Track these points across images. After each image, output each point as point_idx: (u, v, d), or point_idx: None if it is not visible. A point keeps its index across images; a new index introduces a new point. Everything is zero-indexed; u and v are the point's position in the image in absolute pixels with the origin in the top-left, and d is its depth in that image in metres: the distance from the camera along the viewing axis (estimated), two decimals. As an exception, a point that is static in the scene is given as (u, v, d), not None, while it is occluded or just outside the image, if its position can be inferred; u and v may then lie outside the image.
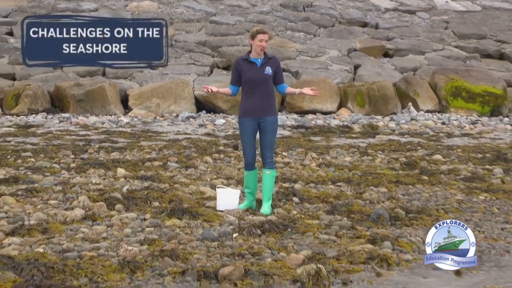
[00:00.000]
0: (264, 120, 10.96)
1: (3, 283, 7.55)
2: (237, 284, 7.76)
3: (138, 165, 15.19)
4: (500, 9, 39.41)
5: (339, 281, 8.00)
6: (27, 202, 11.40)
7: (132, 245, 9.04)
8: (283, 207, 11.46)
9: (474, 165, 16.29)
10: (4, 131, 21.23)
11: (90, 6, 34.57)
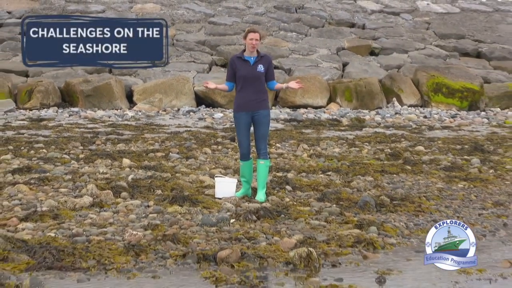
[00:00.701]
0: (257, 114, 11.00)
1: (18, 265, 7.56)
2: (234, 266, 7.75)
3: (142, 156, 15.17)
4: (477, 11, 39.44)
5: (328, 263, 8.00)
6: (39, 190, 11.40)
7: (136, 230, 9.04)
8: (276, 194, 11.46)
9: (454, 156, 16.30)
10: (18, 124, 21.21)
11: (97, 8, 34.54)
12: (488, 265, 8.05)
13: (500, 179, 13.59)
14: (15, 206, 10.24)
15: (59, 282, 7.19)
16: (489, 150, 17.31)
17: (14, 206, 10.27)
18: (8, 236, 8.43)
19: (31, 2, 35.02)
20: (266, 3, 36.85)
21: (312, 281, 7.33)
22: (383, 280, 7.47)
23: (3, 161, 14.25)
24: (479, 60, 33.00)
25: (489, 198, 11.87)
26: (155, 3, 35.67)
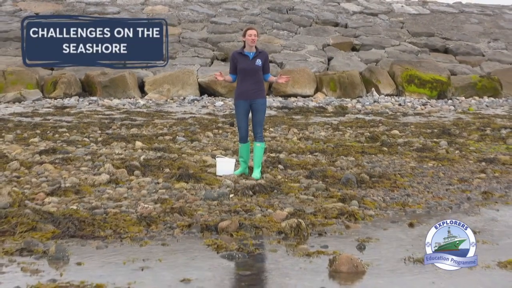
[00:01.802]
0: (255, 102, 11.01)
1: (45, 233, 7.57)
2: (233, 235, 7.76)
3: (153, 139, 15.16)
4: (445, 12, 39.42)
5: (315, 233, 8.01)
6: (63, 169, 11.39)
7: (147, 203, 9.04)
8: (270, 172, 11.46)
9: (424, 138, 16.31)
10: (45, 111, 21.17)
11: (113, 9, 34.41)
12: (454, 234, 8.08)
13: (464, 158, 13.61)
14: (42, 183, 10.23)
15: (81, 248, 7.20)
16: (455, 133, 17.32)
17: (41, 182, 10.26)
18: (36, 209, 8.43)
19: (55, 4, 34.85)
20: (261, 5, 36.78)
21: (301, 248, 7.34)
22: (363, 247, 7.48)
23: (32, 143, 14.24)
24: (446, 55, 32.98)
25: (455, 175, 11.89)
26: (164, 5, 35.57)
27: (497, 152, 14.58)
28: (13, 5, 34.36)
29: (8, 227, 7.71)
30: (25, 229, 7.68)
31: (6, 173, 10.93)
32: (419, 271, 6.67)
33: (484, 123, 19.98)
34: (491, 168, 12.57)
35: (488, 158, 13.59)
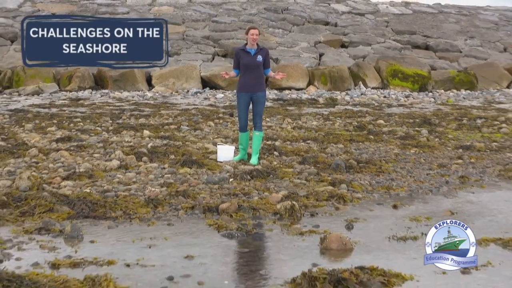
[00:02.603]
0: (256, 95, 11.02)
1: (61, 214, 7.58)
2: (232, 215, 7.76)
3: (159, 128, 15.14)
4: (426, 12, 39.37)
5: (308, 213, 8.01)
6: (77, 155, 11.37)
7: (154, 187, 9.04)
8: (267, 159, 11.45)
9: (407, 127, 16.31)
10: (61, 103, 21.14)
11: (123, 10, 34.30)
12: (434, 214, 8.09)
13: (443, 146, 13.61)
14: (59, 168, 10.23)
15: (94, 228, 7.21)
16: (435, 123, 17.31)
17: (57, 168, 10.26)
18: (53, 192, 8.44)
19: (70, 5, 34.71)
20: (258, 6, 36.70)
21: (295, 228, 7.35)
22: (351, 227, 7.49)
23: (49, 132, 14.22)
24: (427, 52, 32.94)
25: (435, 161, 11.89)
26: (169, 5, 35.47)
27: (473, 140, 14.58)
28: (32, 6, 34.26)
29: (27, 208, 7.73)
30: (43, 210, 7.69)
31: (26, 159, 10.93)
32: (402, 248, 6.68)
33: (461, 113, 19.98)
34: (468, 155, 12.57)
35: (465, 145, 13.59)
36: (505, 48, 34.84)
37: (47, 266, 5.86)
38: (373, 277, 5.57)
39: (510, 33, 37.20)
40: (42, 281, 5.31)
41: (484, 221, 7.87)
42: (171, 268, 5.85)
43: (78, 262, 5.96)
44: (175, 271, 5.76)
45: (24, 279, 5.28)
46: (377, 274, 5.63)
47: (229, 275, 5.82)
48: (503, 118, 18.56)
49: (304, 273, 5.53)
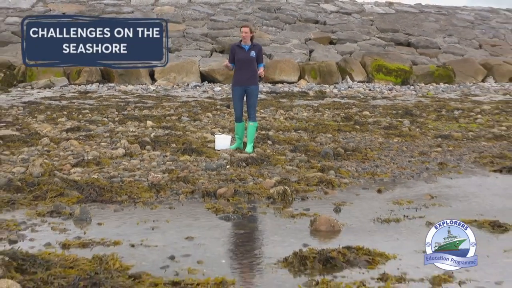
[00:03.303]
0: (249, 88, 11.02)
1: (71, 199, 7.58)
2: (229, 199, 7.76)
3: (161, 119, 15.11)
4: (407, 12, 39.33)
5: (299, 198, 8.01)
6: (86, 144, 11.36)
7: (157, 173, 9.03)
8: (261, 147, 11.45)
9: (390, 118, 16.31)
10: (70, 96, 21.08)
11: (128, 9, 34.14)
12: (415, 198, 8.09)
13: (424, 135, 13.63)
14: (68, 156, 10.22)
15: (101, 211, 7.20)
16: (416, 114, 17.32)
17: (67, 155, 10.24)
18: (63, 178, 8.42)
19: (79, 5, 34.51)
20: (252, 5, 36.60)
21: (287, 211, 7.35)
22: (339, 210, 7.49)
23: (60, 122, 14.19)
24: (409, 48, 32.90)
25: (416, 149, 11.90)
26: (171, 5, 35.33)
27: (451, 129, 14.60)
28: (43, 6, 34.08)
29: (40, 193, 7.72)
30: (54, 194, 7.69)
31: (38, 147, 10.92)
32: (386, 229, 6.69)
33: (440, 105, 20.00)
34: (446, 143, 12.59)
35: (443, 134, 13.61)
36: (480, 45, 34.87)
37: (58, 246, 5.86)
38: (359, 256, 5.58)
39: (484, 31, 37.21)
40: (53, 260, 5.31)
41: (461, 204, 7.89)
42: (172, 248, 5.84)
43: (86, 242, 5.95)
44: (176, 251, 5.76)
45: (37, 258, 5.28)
46: (362, 254, 5.63)
47: (226, 255, 5.83)
48: (478, 110, 18.60)
49: (295, 253, 5.53)
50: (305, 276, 5.20)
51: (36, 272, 5.04)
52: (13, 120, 14.52)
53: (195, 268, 5.30)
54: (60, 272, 5.01)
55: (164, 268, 5.29)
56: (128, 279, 4.91)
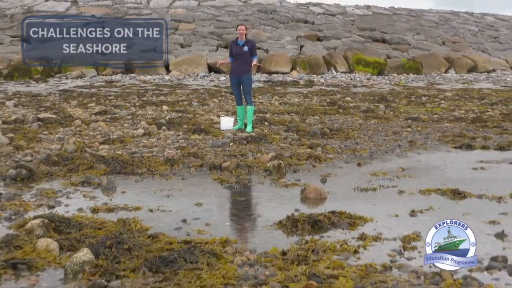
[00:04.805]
0: (242, 77, 11.02)
1: (99, 171, 7.57)
2: (232, 172, 7.74)
3: (175, 104, 15.06)
4: (383, 13, 39.11)
5: (291, 170, 7.99)
6: (111, 125, 11.32)
7: (171, 149, 9.00)
8: (259, 128, 11.41)
9: (368, 103, 16.25)
10: (98, 84, 20.97)
11: (147, 11, 33.87)
12: (389, 171, 8.08)
13: (396, 117, 13.58)
14: (97, 135, 10.19)
15: (124, 181, 7.18)
16: (390, 100, 17.26)
17: (96, 135, 10.22)
18: (93, 153, 8.40)
19: (106, 9, 34.14)
20: (252, 8, 36.36)
21: (281, 181, 7.33)
22: (325, 180, 7.47)
23: (89, 107, 14.14)
24: (384, 44, 32.72)
25: (390, 129, 11.86)
26: (183, 8, 35.07)
27: (419, 113, 14.55)
28: (76, 9, 33.82)
29: (73, 166, 7.71)
30: (85, 167, 7.67)
31: (72, 128, 10.88)
32: (365, 197, 6.68)
33: (410, 92, 19.93)
34: (415, 124, 12.55)
35: (413, 117, 13.57)
36: (443, 42, 34.74)
37: (89, 211, 5.85)
38: (342, 219, 5.57)
39: (447, 30, 37.08)
40: (85, 222, 5.31)
41: (427, 176, 7.87)
42: (184, 212, 5.83)
43: (112, 207, 5.94)
44: (188, 215, 5.75)
45: (71, 220, 5.29)
46: (345, 217, 5.63)
47: (230, 218, 5.82)
48: (442, 96, 18.55)
49: (288, 216, 5.53)
50: (296, 236, 5.20)
51: (71, 232, 5.05)
52: (51, 105, 14.47)
53: (204, 229, 5.29)
54: (90, 232, 5.02)
55: (177, 229, 5.28)
56: (147, 238, 4.91)
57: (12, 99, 15.79)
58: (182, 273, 4.18)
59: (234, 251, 4.69)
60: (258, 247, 4.83)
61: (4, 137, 9.43)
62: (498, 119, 13.51)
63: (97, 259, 4.32)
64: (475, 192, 6.83)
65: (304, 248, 4.76)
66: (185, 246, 4.66)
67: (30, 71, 23.22)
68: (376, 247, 4.91)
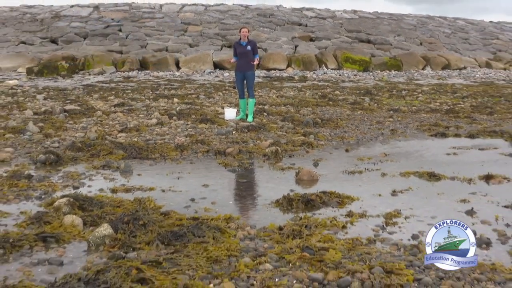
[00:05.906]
0: (246, 73, 10.98)
1: (117, 156, 7.56)
2: (235, 156, 7.71)
3: (184, 97, 15.00)
4: (368, 17, 38.90)
5: (287, 155, 7.96)
6: (128, 116, 11.28)
7: (181, 137, 8.97)
8: (259, 118, 11.37)
9: (355, 96, 16.19)
10: (117, 80, 20.91)
11: (159, 15, 33.69)
12: (373, 155, 8.05)
13: (380, 109, 13.53)
14: (116, 124, 10.15)
15: (140, 165, 7.16)
16: (374, 93, 17.19)
17: (115, 124, 10.18)
18: (112, 140, 8.37)
19: (124, 13, 33.89)
20: (252, 12, 36.18)
21: (278, 165, 7.31)
22: (317, 164, 7.45)
23: (109, 100, 14.09)
24: (369, 44, 32.58)
25: (374, 119, 11.82)
26: (191, 12, 34.87)
27: (399, 105, 14.49)
28: (98, 14, 33.61)
29: (95, 152, 7.69)
30: (105, 153, 7.65)
31: (93, 118, 10.85)
32: (352, 179, 6.67)
33: (392, 87, 19.85)
34: (396, 115, 12.51)
35: (394, 108, 13.52)
36: (421, 42, 34.63)
37: (109, 191, 5.83)
38: (331, 199, 5.55)
39: (424, 32, 36.95)
40: (105, 201, 5.31)
41: (407, 160, 7.85)
42: (193, 193, 5.82)
43: (129, 188, 5.92)
44: (196, 195, 5.73)
45: (93, 199, 5.28)
46: (334, 197, 5.61)
47: (233, 197, 5.81)
48: (419, 90, 18.48)
49: (284, 196, 5.52)
50: (291, 213, 5.19)
51: (93, 210, 5.05)
52: (75, 98, 14.42)
53: (210, 207, 5.28)
54: (110, 210, 5.01)
55: (186, 207, 5.26)
56: (160, 215, 4.90)
57: (42, 93, 15.75)
58: (191, 246, 4.18)
59: (237, 226, 4.69)
60: (258, 223, 4.82)
61: (35, 126, 9.42)
62: (468, 111, 13.47)
63: (116, 233, 4.32)
64: (448, 174, 6.81)
65: (298, 224, 4.75)
66: (193, 222, 4.66)
67: (58, 68, 23.16)
68: (361, 223, 4.90)
